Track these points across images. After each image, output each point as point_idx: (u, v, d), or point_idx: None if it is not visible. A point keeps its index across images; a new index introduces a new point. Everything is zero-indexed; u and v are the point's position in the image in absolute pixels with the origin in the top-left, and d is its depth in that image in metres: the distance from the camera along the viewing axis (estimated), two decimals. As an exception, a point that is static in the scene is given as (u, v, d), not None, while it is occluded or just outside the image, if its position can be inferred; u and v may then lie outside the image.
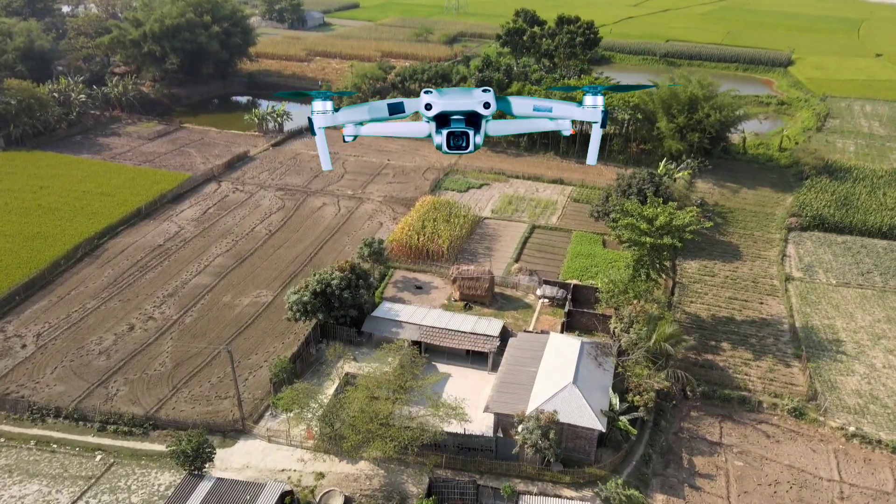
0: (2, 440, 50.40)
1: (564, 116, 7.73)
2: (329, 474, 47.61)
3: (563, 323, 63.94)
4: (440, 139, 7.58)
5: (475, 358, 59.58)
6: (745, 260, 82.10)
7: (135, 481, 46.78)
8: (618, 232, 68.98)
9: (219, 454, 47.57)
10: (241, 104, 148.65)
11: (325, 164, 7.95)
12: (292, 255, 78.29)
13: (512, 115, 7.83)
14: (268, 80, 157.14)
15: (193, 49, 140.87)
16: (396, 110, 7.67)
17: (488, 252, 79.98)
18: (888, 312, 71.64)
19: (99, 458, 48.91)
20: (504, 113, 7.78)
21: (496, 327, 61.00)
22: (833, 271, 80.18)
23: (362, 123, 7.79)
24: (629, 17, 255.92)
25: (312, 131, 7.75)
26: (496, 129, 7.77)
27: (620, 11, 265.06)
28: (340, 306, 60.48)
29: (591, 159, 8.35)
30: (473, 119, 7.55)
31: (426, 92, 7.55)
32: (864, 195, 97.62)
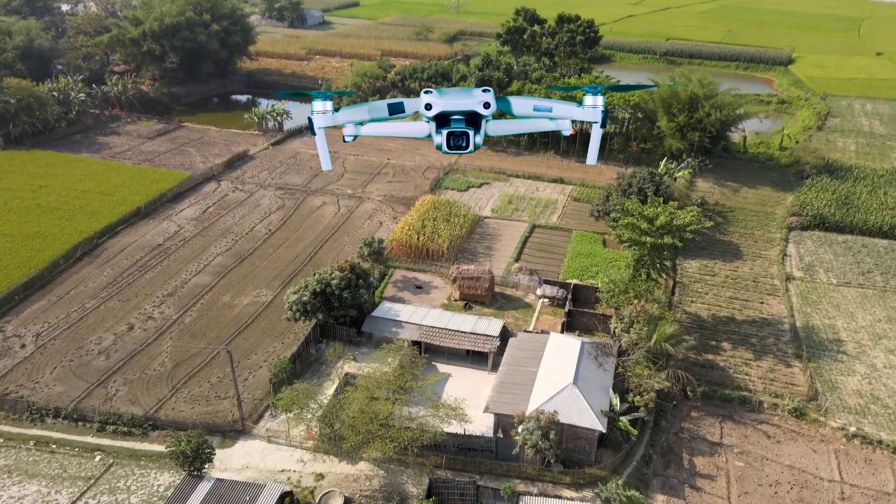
0: (1, 440, 50.26)
1: (564, 116, 7.69)
2: (329, 475, 47.51)
3: (563, 323, 63.81)
4: (440, 139, 7.56)
5: (475, 358, 59.45)
6: (745, 259, 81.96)
7: (134, 482, 46.68)
8: (618, 231, 68.84)
9: (218, 455, 47.45)
10: (241, 103, 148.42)
11: (325, 164, 7.92)
12: (292, 254, 78.15)
13: (512, 114, 7.80)
14: (267, 78, 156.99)
15: (193, 48, 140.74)
16: (396, 110, 7.63)
17: (488, 251, 79.84)
18: (889, 312, 71.52)
19: (98, 458, 48.80)
20: (504, 113, 7.75)
21: (496, 327, 60.86)
22: (834, 271, 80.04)
23: (362, 123, 7.77)
24: (629, 16, 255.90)
25: (312, 131, 7.73)
26: (496, 129, 7.74)
27: (621, 10, 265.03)
28: (340, 306, 60.35)
29: (591, 159, 8.31)
30: (473, 119, 7.52)
31: (426, 92, 7.52)
32: (864, 194, 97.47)
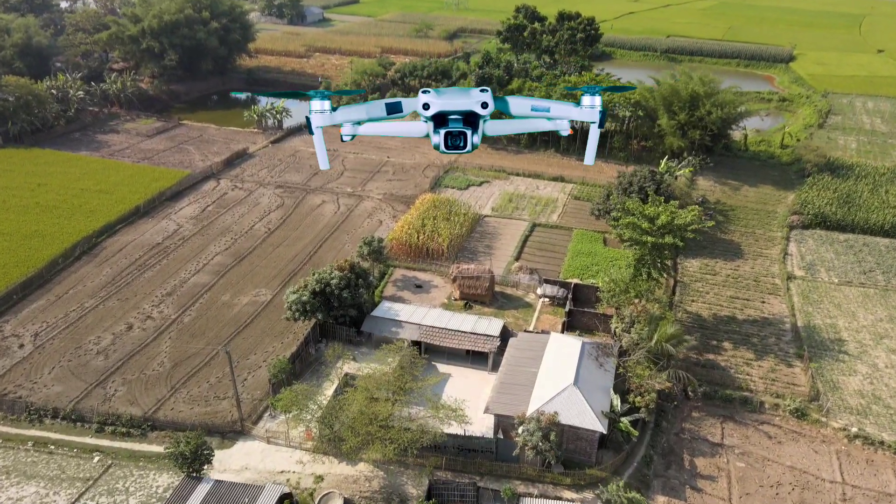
0: (-2, 441, 50.15)
1: (562, 116, 7.76)
2: (328, 476, 47.31)
3: (563, 322, 63.56)
4: (438, 139, 7.59)
5: (475, 358, 59.21)
6: (746, 258, 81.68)
7: (133, 483, 46.47)
8: (619, 231, 68.60)
9: (217, 455, 47.23)
10: (241, 101, 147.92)
11: (323, 164, 7.97)
12: (291, 253, 77.87)
13: (510, 114, 7.85)
14: (267, 76, 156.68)
15: (192, 45, 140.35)
16: (394, 110, 7.67)
17: (488, 250, 79.56)
18: (890, 311, 71.25)
19: (97, 459, 48.58)
20: (502, 112, 7.77)
21: (496, 327, 60.62)
22: (835, 270, 79.76)
23: (360, 123, 7.79)
24: (630, 13, 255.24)
25: (310, 130, 7.72)
26: (494, 129, 7.78)
27: (621, 7, 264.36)
28: (340, 306, 60.10)
29: (589, 159, 8.32)
30: (471, 119, 7.55)
31: (424, 91, 7.55)
32: (866, 193, 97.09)
